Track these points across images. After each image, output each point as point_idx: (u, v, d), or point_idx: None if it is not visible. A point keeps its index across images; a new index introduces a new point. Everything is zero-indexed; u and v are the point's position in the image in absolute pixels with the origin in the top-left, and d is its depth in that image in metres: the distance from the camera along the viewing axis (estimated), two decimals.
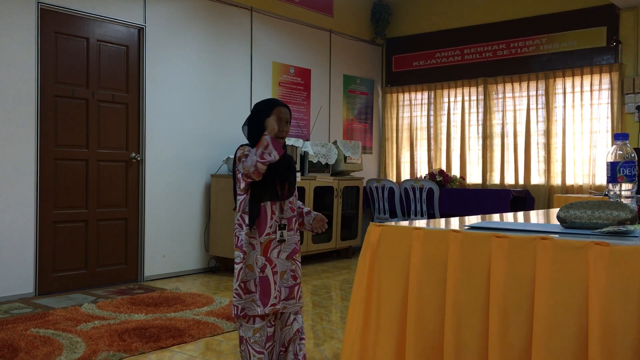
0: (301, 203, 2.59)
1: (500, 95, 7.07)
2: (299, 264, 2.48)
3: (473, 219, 2.06)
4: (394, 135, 7.97)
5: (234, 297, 2.39)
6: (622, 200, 1.80)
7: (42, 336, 3.36)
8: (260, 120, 2.41)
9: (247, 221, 2.39)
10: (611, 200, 1.76)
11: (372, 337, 1.71)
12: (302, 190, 5.99)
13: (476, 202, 6.50)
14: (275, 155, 2.29)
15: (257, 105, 2.49)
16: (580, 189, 6.45)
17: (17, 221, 4.49)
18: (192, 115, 5.68)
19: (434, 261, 1.61)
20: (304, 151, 6.20)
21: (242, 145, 2.42)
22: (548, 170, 6.71)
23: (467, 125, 7.32)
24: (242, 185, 2.36)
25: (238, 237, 2.39)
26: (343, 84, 7.54)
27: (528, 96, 6.85)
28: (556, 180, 6.69)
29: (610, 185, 1.83)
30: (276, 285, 2.37)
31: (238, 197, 2.42)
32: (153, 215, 5.34)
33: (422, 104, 7.75)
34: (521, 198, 6.52)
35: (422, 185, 6.51)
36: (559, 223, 1.67)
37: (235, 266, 2.39)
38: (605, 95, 6.38)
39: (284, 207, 2.43)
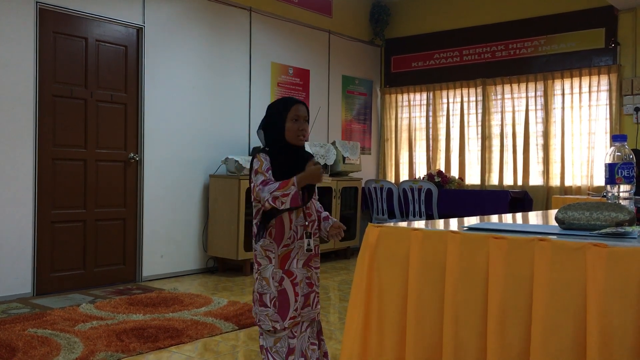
0: (320, 206, 2.42)
1: (499, 97, 7.08)
2: (316, 270, 2.34)
3: (471, 220, 2.05)
4: (393, 136, 7.97)
5: (252, 302, 2.31)
6: (621, 201, 1.79)
7: (40, 336, 3.35)
8: (277, 122, 2.24)
9: (259, 232, 2.26)
10: (609, 201, 1.75)
11: (372, 338, 1.71)
12: None
13: (475, 203, 6.51)
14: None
15: (271, 106, 2.32)
16: (578, 190, 6.45)
17: (15, 221, 4.48)
18: (190, 116, 5.68)
19: (432, 262, 1.61)
20: None
21: (258, 152, 2.25)
22: (546, 172, 6.71)
23: (466, 126, 7.32)
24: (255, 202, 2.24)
25: (254, 248, 2.28)
26: (342, 85, 7.54)
27: (527, 97, 6.86)
28: (555, 182, 6.70)
29: (608, 186, 1.83)
30: (298, 296, 2.25)
31: (254, 204, 2.28)
32: (151, 215, 5.33)
33: (420, 104, 7.75)
34: (520, 199, 6.52)
35: (420, 186, 6.52)
36: (557, 224, 1.67)
37: (254, 273, 2.31)
38: (604, 96, 6.38)
39: (304, 213, 2.27)
